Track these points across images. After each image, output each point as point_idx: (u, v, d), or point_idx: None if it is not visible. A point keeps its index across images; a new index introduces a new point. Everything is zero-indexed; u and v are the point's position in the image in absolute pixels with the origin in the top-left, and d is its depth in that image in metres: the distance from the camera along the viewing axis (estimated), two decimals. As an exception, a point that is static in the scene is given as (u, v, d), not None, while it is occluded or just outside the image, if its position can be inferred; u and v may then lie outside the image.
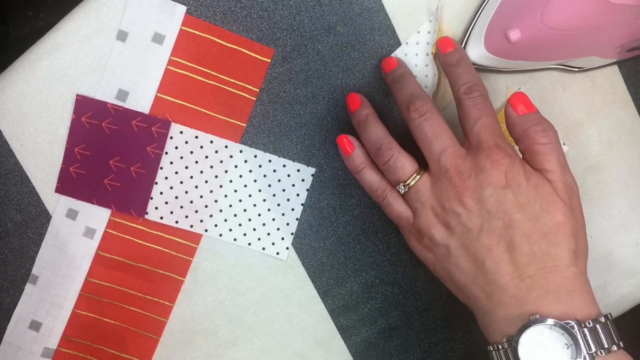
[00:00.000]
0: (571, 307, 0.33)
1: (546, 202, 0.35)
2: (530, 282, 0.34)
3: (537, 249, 0.34)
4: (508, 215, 0.34)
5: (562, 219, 0.35)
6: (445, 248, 0.36)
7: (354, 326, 0.45)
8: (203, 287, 0.44)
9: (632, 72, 0.45)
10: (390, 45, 0.43)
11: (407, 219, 0.38)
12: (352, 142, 0.40)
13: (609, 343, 0.33)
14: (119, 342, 0.44)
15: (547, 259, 0.34)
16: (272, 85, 0.43)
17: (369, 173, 0.39)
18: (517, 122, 0.37)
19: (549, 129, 0.36)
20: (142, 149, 0.42)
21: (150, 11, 0.41)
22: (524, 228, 0.34)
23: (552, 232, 0.34)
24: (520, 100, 0.37)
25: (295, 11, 0.42)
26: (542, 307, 0.33)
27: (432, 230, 0.37)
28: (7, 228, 0.43)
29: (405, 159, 0.38)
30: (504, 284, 0.34)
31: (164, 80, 0.42)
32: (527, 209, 0.35)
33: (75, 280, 0.43)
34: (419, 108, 0.37)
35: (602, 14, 0.37)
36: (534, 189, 0.35)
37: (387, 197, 0.39)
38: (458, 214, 0.35)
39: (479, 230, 0.35)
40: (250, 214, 0.44)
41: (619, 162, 0.45)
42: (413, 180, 0.37)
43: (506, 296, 0.34)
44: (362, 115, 0.40)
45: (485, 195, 0.35)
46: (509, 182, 0.35)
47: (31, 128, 0.42)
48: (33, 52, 0.41)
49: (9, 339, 0.43)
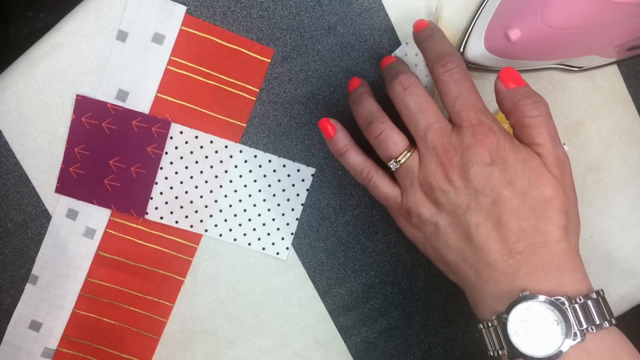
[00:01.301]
0: (561, 283, 0.33)
1: (534, 177, 0.34)
2: (519, 259, 0.33)
3: (526, 224, 0.34)
4: (495, 192, 0.34)
5: (552, 194, 0.34)
6: (434, 226, 0.36)
7: (354, 326, 0.45)
8: (203, 287, 0.44)
9: (632, 72, 0.45)
10: (390, 45, 0.43)
11: (395, 199, 0.38)
12: (334, 125, 0.39)
13: (601, 319, 0.32)
14: (119, 342, 0.44)
15: (536, 235, 0.33)
16: (272, 85, 0.43)
17: (352, 155, 0.38)
18: (506, 96, 0.36)
19: (539, 102, 0.35)
20: (142, 149, 0.42)
21: (150, 11, 0.41)
22: (512, 204, 0.34)
23: (541, 207, 0.34)
24: (510, 74, 0.36)
25: (295, 11, 0.42)
26: (532, 284, 0.33)
27: (421, 208, 0.36)
28: (7, 228, 0.43)
29: (397, 134, 0.37)
30: (493, 261, 0.34)
31: (163, 80, 0.42)
32: (515, 184, 0.34)
33: (75, 281, 0.43)
34: (402, 81, 0.36)
35: (602, 12, 0.37)
36: (522, 163, 0.34)
37: (372, 178, 0.38)
38: (446, 191, 0.35)
39: (467, 208, 0.34)
40: (250, 214, 0.44)
41: (619, 162, 0.45)
42: (404, 157, 0.36)
43: (495, 273, 0.34)
44: (358, 92, 0.39)
45: (472, 173, 0.34)
46: (495, 159, 0.34)
47: (31, 128, 0.42)
48: (33, 52, 0.41)
49: (9, 339, 0.43)
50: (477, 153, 0.34)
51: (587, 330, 0.32)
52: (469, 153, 0.34)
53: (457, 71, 0.36)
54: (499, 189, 0.34)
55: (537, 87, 0.44)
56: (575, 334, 0.32)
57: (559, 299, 0.32)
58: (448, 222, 0.35)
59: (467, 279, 0.35)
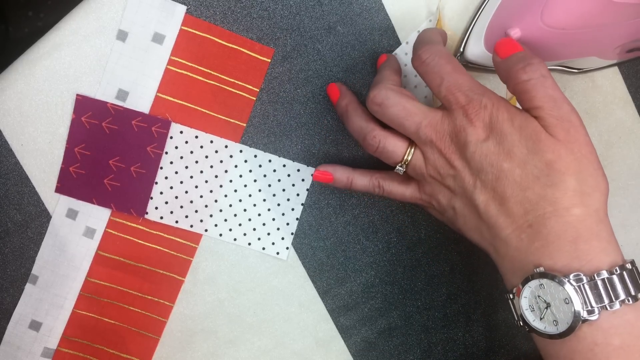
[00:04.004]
0: (576, 256, 0.31)
1: (532, 142, 0.33)
2: (530, 232, 0.32)
3: (532, 194, 0.32)
4: (495, 166, 0.33)
5: (552, 157, 0.32)
6: (453, 210, 0.37)
7: (353, 326, 0.45)
8: (203, 287, 0.44)
9: (632, 72, 0.45)
10: (390, 45, 0.43)
11: (413, 195, 0.39)
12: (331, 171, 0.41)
13: (625, 294, 0.31)
14: (119, 342, 0.44)
15: (544, 204, 0.32)
16: (272, 85, 0.43)
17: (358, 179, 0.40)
18: (501, 67, 0.35)
19: (529, 64, 0.33)
20: (142, 149, 0.42)
21: (150, 11, 0.41)
22: (514, 175, 0.33)
23: (544, 174, 0.32)
24: (504, 44, 0.35)
25: (295, 11, 0.42)
26: (545, 258, 0.32)
27: (438, 195, 0.37)
28: (7, 228, 0.43)
29: (392, 139, 0.37)
30: (506, 237, 0.33)
31: (164, 80, 0.42)
32: (513, 154, 0.33)
33: (75, 280, 0.43)
34: (373, 99, 0.36)
35: (602, 13, 0.37)
36: (518, 131, 0.33)
37: (384, 189, 0.40)
38: (453, 176, 0.35)
39: (474, 188, 0.34)
40: (250, 214, 0.44)
41: (619, 162, 0.45)
42: (408, 156, 0.37)
43: (510, 249, 0.33)
44: (342, 107, 0.40)
45: (469, 153, 0.34)
46: (490, 133, 0.33)
47: (31, 128, 0.42)
48: (33, 52, 0.41)
49: (9, 338, 0.43)
50: (470, 132, 0.34)
51: (604, 308, 0.31)
52: (463, 134, 0.34)
53: (431, 59, 0.35)
54: (498, 162, 0.33)
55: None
56: (591, 311, 0.31)
57: (577, 275, 0.31)
58: (463, 204, 0.36)
59: (490, 254, 0.36)
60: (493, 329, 0.46)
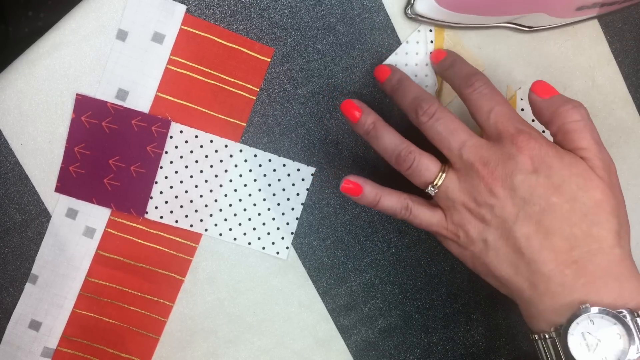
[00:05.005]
0: (620, 294, 0.32)
1: (582, 180, 0.33)
2: (575, 268, 0.32)
3: (579, 231, 0.33)
4: (544, 199, 0.33)
5: (601, 197, 0.33)
6: (484, 243, 0.35)
7: (354, 326, 0.45)
8: (203, 287, 0.44)
9: (632, 72, 0.45)
10: (390, 45, 0.43)
11: (439, 223, 0.37)
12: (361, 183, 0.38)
13: None
14: (119, 341, 0.44)
15: (590, 241, 0.33)
16: (272, 85, 0.43)
17: (386, 199, 0.38)
18: (544, 106, 0.35)
19: (579, 106, 0.35)
20: (142, 149, 0.42)
21: (150, 10, 0.41)
22: (562, 210, 0.33)
23: (592, 212, 0.33)
24: (543, 86, 0.36)
25: (295, 10, 0.42)
26: (591, 295, 0.32)
27: (468, 226, 0.35)
28: (7, 227, 0.43)
29: (427, 159, 0.36)
30: (549, 272, 0.33)
31: (163, 79, 0.42)
32: (563, 189, 0.33)
33: (75, 280, 0.43)
34: (427, 110, 0.36)
35: None
36: (568, 168, 0.33)
37: (412, 212, 0.37)
38: (491, 205, 0.34)
39: (515, 219, 0.34)
40: (250, 214, 0.43)
41: (619, 162, 0.45)
42: (440, 179, 0.36)
43: (552, 284, 0.33)
44: (368, 124, 0.38)
45: (517, 182, 0.33)
46: (540, 166, 0.33)
47: (31, 127, 0.42)
48: (33, 51, 0.41)
49: (8, 338, 0.43)
50: (520, 161, 0.34)
51: None
52: (511, 162, 0.34)
53: (484, 87, 0.36)
54: (547, 195, 0.33)
55: (537, 87, 0.44)
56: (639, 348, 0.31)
57: (621, 311, 0.31)
58: (497, 237, 0.34)
59: (521, 291, 0.34)
60: (493, 329, 0.46)
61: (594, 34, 0.44)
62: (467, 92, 0.36)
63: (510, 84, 0.44)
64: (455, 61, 0.39)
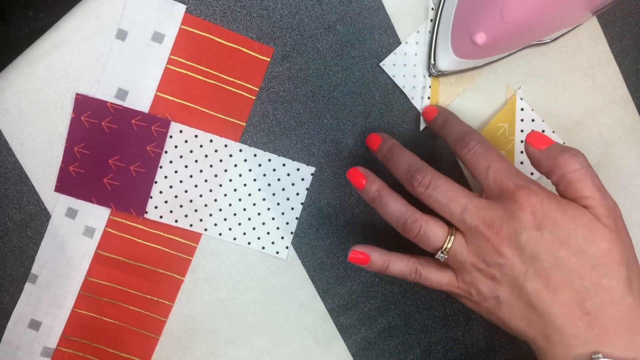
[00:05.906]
0: (633, 345, 0.32)
1: (588, 232, 0.33)
2: (588, 320, 0.33)
3: (589, 283, 0.33)
4: (551, 254, 0.33)
5: (609, 246, 0.33)
6: (496, 299, 0.35)
7: (353, 325, 0.45)
8: (203, 287, 0.44)
9: (632, 72, 0.45)
10: (389, 45, 0.43)
11: (450, 283, 0.37)
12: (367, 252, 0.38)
13: None
14: (119, 341, 0.44)
15: (601, 293, 0.33)
16: (271, 84, 0.43)
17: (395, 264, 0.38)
18: (542, 157, 0.36)
19: (577, 154, 0.35)
20: (141, 148, 0.42)
21: (149, 10, 0.41)
22: (570, 264, 0.33)
23: (600, 263, 0.33)
24: (538, 137, 0.36)
25: (295, 10, 0.42)
26: (604, 346, 0.32)
27: (480, 285, 0.36)
28: (7, 227, 0.43)
29: (434, 225, 0.36)
30: (562, 324, 0.33)
31: (163, 79, 0.42)
32: (569, 243, 0.33)
33: (75, 280, 0.43)
34: (422, 181, 0.36)
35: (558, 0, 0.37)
36: (572, 220, 0.34)
37: (421, 275, 0.38)
38: (500, 265, 0.34)
39: (525, 276, 0.34)
40: (249, 213, 0.43)
41: (619, 162, 0.45)
42: (449, 243, 0.36)
43: (565, 336, 0.33)
44: (373, 192, 0.38)
45: (522, 240, 0.34)
46: (543, 221, 0.34)
47: (31, 127, 0.42)
48: (33, 51, 0.41)
49: (8, 338, 0.43)
50: (523, 219, 0.34)
51: None
52: (514, 221, 0.34)
53: (479, 147, 0.36)
54: (553, 250, 0.33)
55: (537, 86, 0.44)
56: None
57: None
58: (509, 294, 0.35)
59: (535, 342, 0.35)
60: (493, 329, 0.46)
61: (594, 34, 0.44)
62: (463, 153, 0.37)
63: (510, 84, 0.44)
64: (447, 120, 0.40)
